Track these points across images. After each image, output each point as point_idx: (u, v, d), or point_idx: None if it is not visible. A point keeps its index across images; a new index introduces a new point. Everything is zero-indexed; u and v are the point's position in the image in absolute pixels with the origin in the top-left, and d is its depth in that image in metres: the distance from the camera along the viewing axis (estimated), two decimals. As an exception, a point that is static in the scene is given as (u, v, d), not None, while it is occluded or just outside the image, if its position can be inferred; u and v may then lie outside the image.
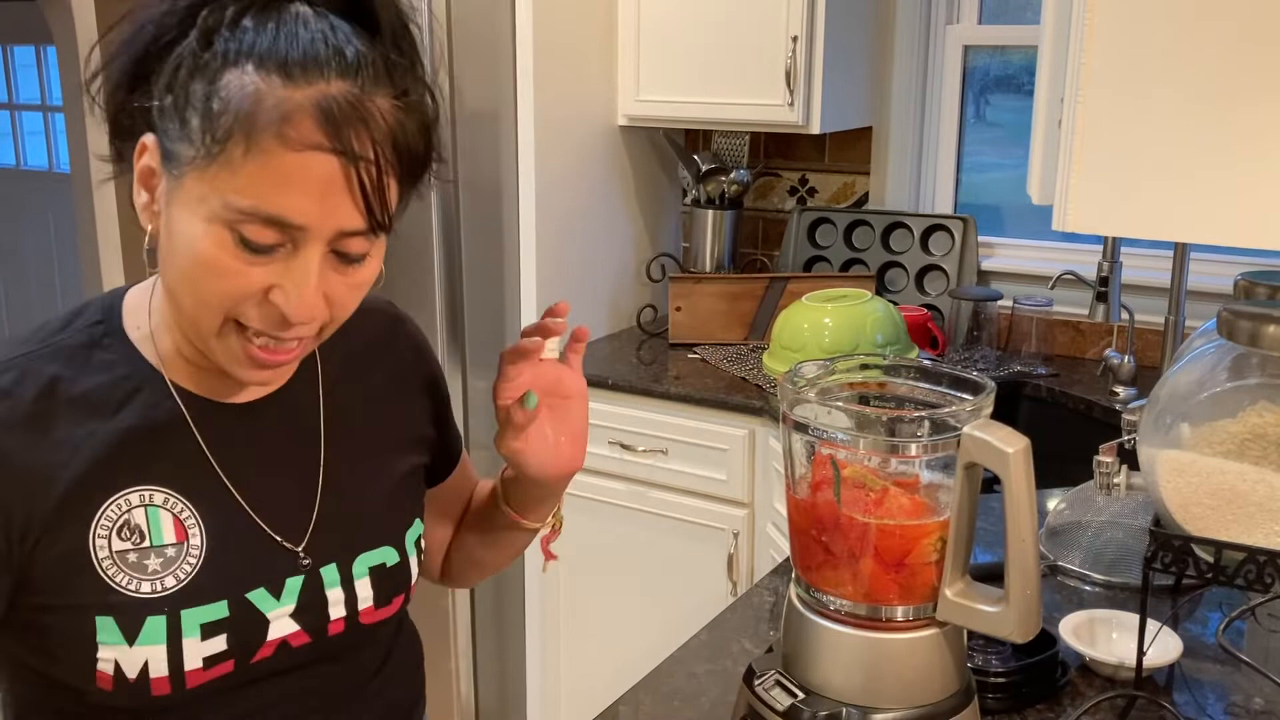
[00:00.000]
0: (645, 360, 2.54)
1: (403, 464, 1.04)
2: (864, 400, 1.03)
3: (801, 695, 0.99)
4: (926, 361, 1.04)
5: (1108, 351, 2.27)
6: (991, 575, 0.97)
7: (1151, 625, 1.14)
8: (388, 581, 0.98)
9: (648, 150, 2.81)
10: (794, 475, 1.01)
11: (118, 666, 0.86)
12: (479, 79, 2.30)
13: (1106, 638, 1.25)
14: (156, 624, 0.86)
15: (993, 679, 1.15)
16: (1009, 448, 0.89)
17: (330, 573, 0.95)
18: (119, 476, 0.87)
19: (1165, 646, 1.20)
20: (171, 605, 0.87)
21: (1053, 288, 2.32)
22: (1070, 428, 2.26)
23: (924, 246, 2.66)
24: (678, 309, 2.60)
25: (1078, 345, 2.52)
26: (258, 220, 0.77)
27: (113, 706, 0.88)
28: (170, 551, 0.88)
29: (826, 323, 2.24)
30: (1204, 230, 0.97)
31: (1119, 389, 2.23)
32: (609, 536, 2.41)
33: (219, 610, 0.89)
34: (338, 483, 0.97)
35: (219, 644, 0.88)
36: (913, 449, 0.95)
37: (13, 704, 0.95)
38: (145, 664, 0.86)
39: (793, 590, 1.04)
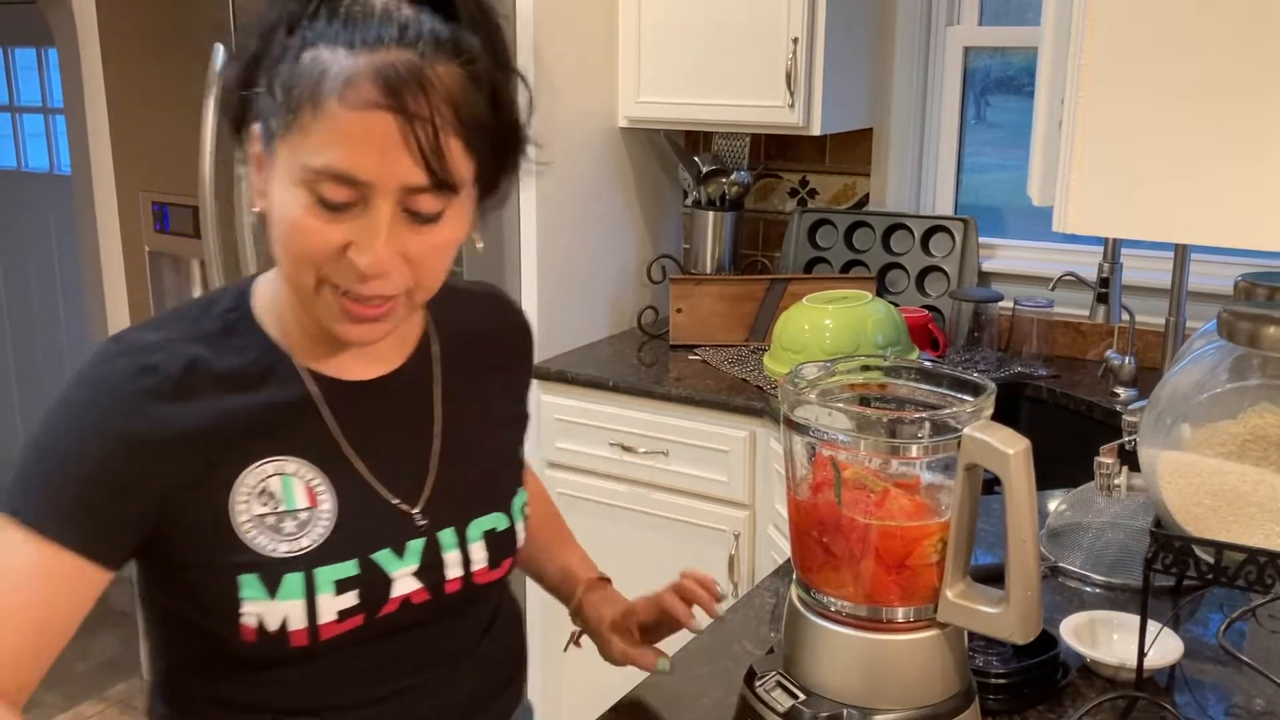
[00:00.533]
0: (646, 361, 2.54)
1: (506, 437, 1.14)
2: (865, 402, 1.04)
3: (802, 696, 0.99)
4: (927, 363, 1.04)
5: (1108, 353, 2.27)
6: (993, 576, 0.98)
7: (1152, 626, 1.14)
8: (499, 545, 1.06)
9: (648, 152, 2.82)
10: (795, 476, 1.01)
11: (260, 620, 0.93)
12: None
13: (1107, 639, 1.25)
14: (294, 580, 0.94)
15: (994, 680, 1.15)
16: (1009, 449, 0.89)
17: (448, 536, 1.03)
18: (255, 448, 0.94)
19: (1166, 647, 1.20)
20: (307, 564, 0.94)
21: (1053, 289, 2.32)
22: (1071, 429, 2.26)
23: (925, 248, 2.66)
24: (678, 310, 2.61)
25: (1078, 346, 2.52)
26: (329, 178, 0.84)
27: (255, 656, 0.95)
28: (303, 515, 0.95)
29: (827, 324, 2.24)
30: (1203, 231, 0.97)
31: (1120, 390, 2.23)
32: (610, 538, 2.42)
33: (349, 569, 0.96)
34: (451, 454, 1.05)
35: (350, 599, 0.96)
36: (913, 450, 0.95)
37: (160, 656, 1.04)
38: (285, 618, 0.94)
39: (793, 591, 1.04)
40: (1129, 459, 1.22)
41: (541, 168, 1.04)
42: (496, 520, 1.06)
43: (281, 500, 0.95)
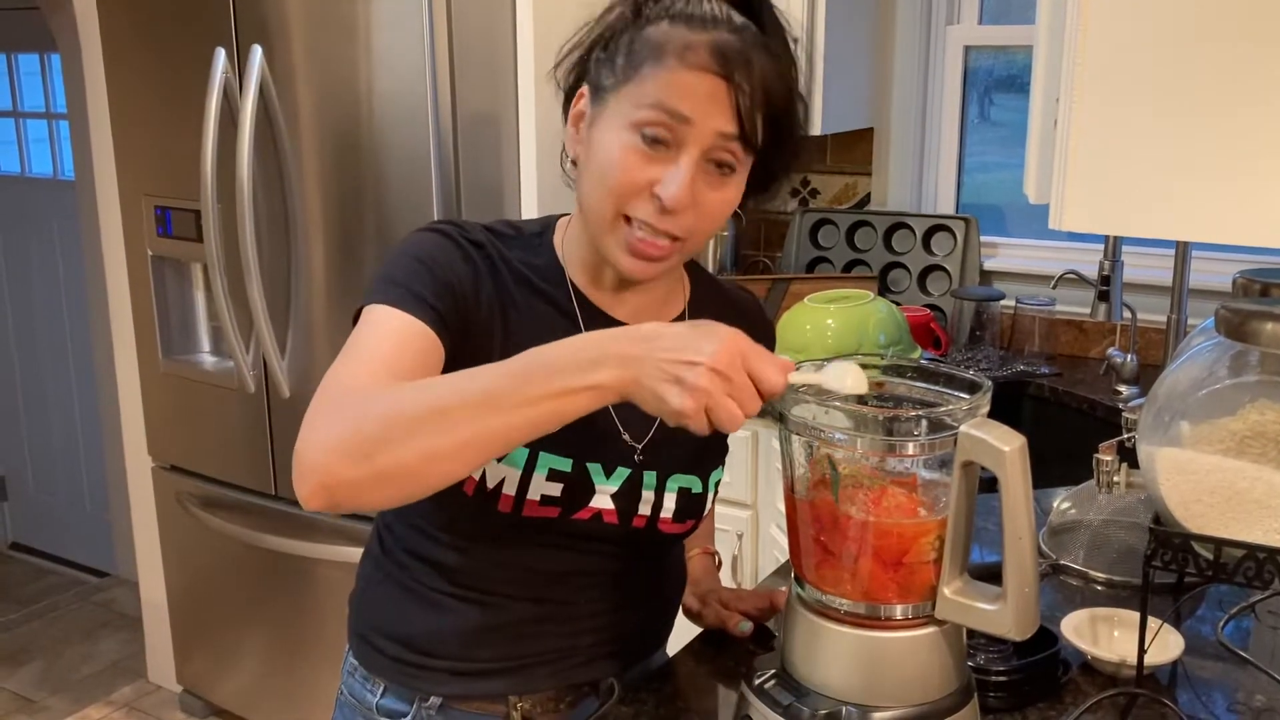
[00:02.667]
0: (648, 362, 2.54)
1: None
2: (862, 400, 1.04)
3: (801, 694, 0.99)
4: (924, 361, 1.04)
5: (1110, 350, 2.27)
6: (994, 574, 0.98)
7: (1153, 623, 1.14)
8: (688, 504, 1.18)
9: (649, 153, 2.81)
10: (792, 475, 1.01)
11: (483, 474, 1.07)
12: (480, 82, 2.31)
13: (1108, 636, 1.25)
14: (520, 453, 1.07)
15: (994, 678, 1.15)
16: (1005, 446, 0.89)
17: (650, 478, 1.15)
18: (524, 333, 1.08)
19: (1167, 644, 1.20)
20: (535, 445, 1.06)
21: (1055, 287, 2.32)
22: (1074, 427, 2.26)
23: (926, 247, 2.66)
24: (680, 311, 2.61)
25: (1081, 344, 2.51)
26: (659, 111, 1.00)
27: (467, 515, 1.09)
28: None
29: (829, 324, 2.24)
30: (1200, 228, 0.97)
31: (1122, 388, 2.23)
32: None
33: (565, 464, 1.09)
34: None
35: (555, 489, 1.09)
36: (910, 448, 0.95)
37: (384, 516, 1.22)
38: (502, 480, 1.07)
39: (792, 590, 1.04)
40: (1128, 456, 1.22)
41: (544, 170, 1.15)
42: (693, 483, 1.18)
43: None
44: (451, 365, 1.04)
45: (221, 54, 2.41)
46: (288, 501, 2.62)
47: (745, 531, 2.28)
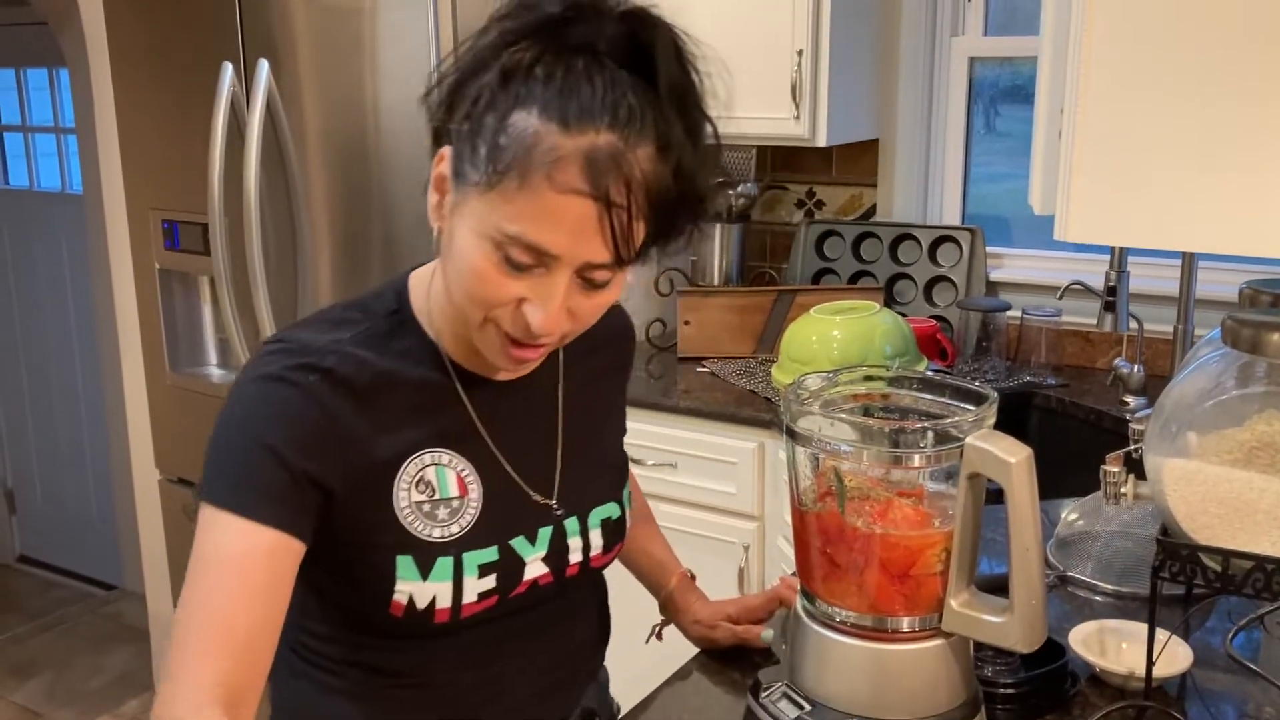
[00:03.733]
0: (654, 374, 2.54)
1: (615, 432, 1.23)
2: (867, 412, 1.04)
3: (808, 707, 0.99)
4: (929, 373, 1.04)
5: (1117, 361, 2.27)
6: (1001, 586, 0.97)
7: (1161, 635, 1.14)
8: (613, 531, 1.15)
9: (655, 165, 2.82)
10: (798, 487, 1.02)
11: (411, 599, 1.01)
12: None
13: (1116, 648, 1.25)
14: (445, 564, 1.02)
15: (1002, 690, 1.15)
16: (1011, 457, 0.89)
17: (572, 524, 1.11)
18: (415, 440, 1.02)
19: (1175, 656, 1.19)
20: (456, 549, 1.02)
21: (1061, 298, 2.32)
22: (1081, 438, 2.25)
23: (932, 258, 2.66)
24: (686, 323, 2.61)
25: (1087, 355, 2.51)
26: (520, 245, 0.90)
27: (396, 628, 1.03)
28: (455, 504, 1.03)
29: (835, 335, 2.24)
30: (1205, 239, 0.97)
31: (1129, 398, 2.22)
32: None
33: (491, 554, 1.04)
34: (574, 448, 1.13)
35: (490, 582, 1.04)
36: (916, 460, 0.95)
37: (298, 627, 1.10)
38: (433, 598, 1.02)
39: (799, 602, 1.04)
40: (1135, 467, 1.22)
41: None
42: (611, 509, 1.15)
43: (437, 489, 1.03)
44: (344, 512, 0.99)
45: (229, 68, 2.42)
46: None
47: (752, 544, 2.28)
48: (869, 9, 2.58)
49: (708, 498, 2.31)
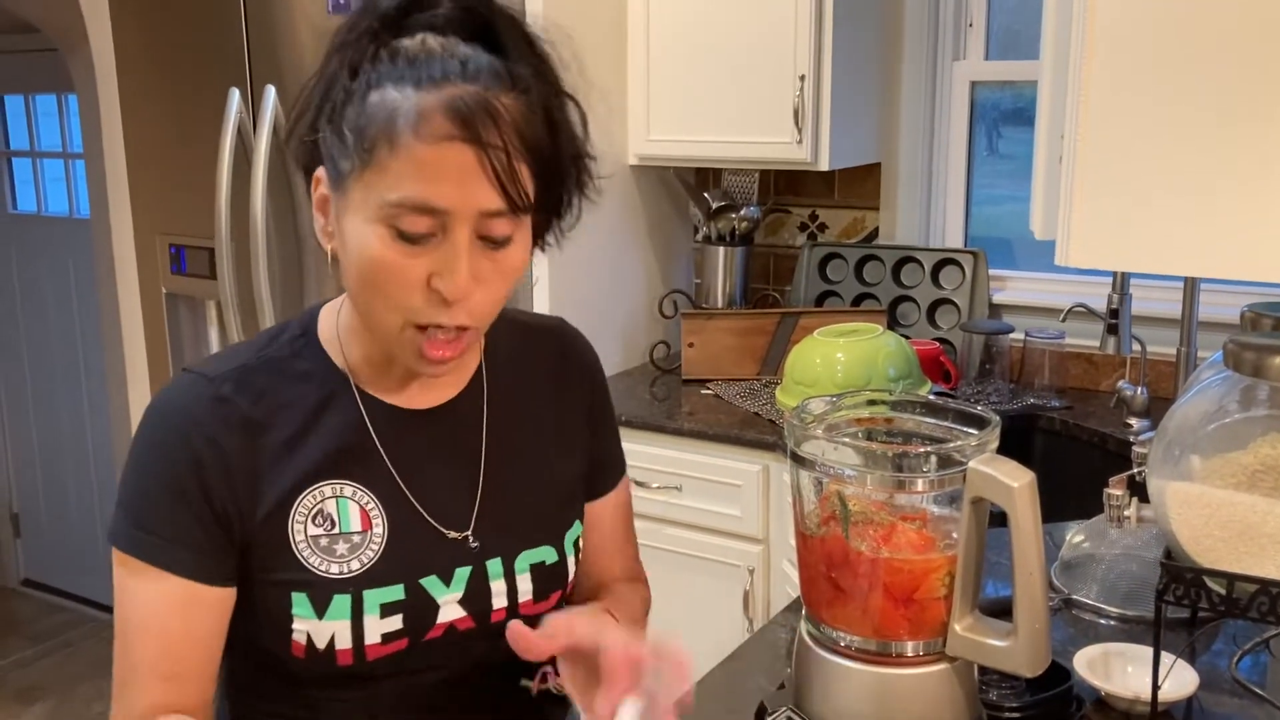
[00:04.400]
0: (659, 396, 2.55)
1: (563, 471, 1.12)
2: (871, 436, 1.04)
3: (813, 732, 0.99)
4: (932, 397, 1.05)
5: (1121, 383, 2.27)
6: (1006, 610, 0.97)
7: (1166, 658, 1.13)
8: (547, 578, 1.06)
9: (659, 189, 2.84)
10: (802, 511, 1.02)
11: (309, 638, 0.97)
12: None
13: (1122, 671, 1.24)
14: (342, 602, 0.97)
15: (1007, 714, 1.15)
16: (1014, 482, 0.89)
17: (495, 566, 1.03)
18: (315, 471, 0.98)
19: (1181, 680, 1.19)
20: (355, 586, 0.97)
21: (1064, 320, 2.32)
22: (1085, 460, 2.25)
23: (935, 280, 2.67)
24: (690, 345, 2.61)
25: (1091, 377, 2.51)
26: (409, 209, 0.87)
27: (309, 673, 0.99)
28: (356, 538, 0.99)
29: (839, 357, 2.24)
30: (1204, 264, 0.98)
31: (1133, 421, 2.22)
32: (624, 574, 2.41)
33: (396, 593, 0.99)
34: (498, 484, 1.06)
35: (396, 623, 0.98)
36: (919, 484, 0.95)
37: (229, 678, 1.07)
38: (332, 637, 0.97)
39: (803, 626, 1.04)
40: (1139, 490, 1.22)
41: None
42: (545, 553, 1.07)
43: (337, 522, 0.98)
44: (247, 546, 0.97)
45: (236, 94, 2.44)
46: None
47: (757, 567, 2.28)
48: (870, 34, 2.60)
49: (712, 520, 2.31)
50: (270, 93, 2.39)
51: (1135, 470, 1.25)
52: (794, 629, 1.42)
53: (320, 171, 0.95)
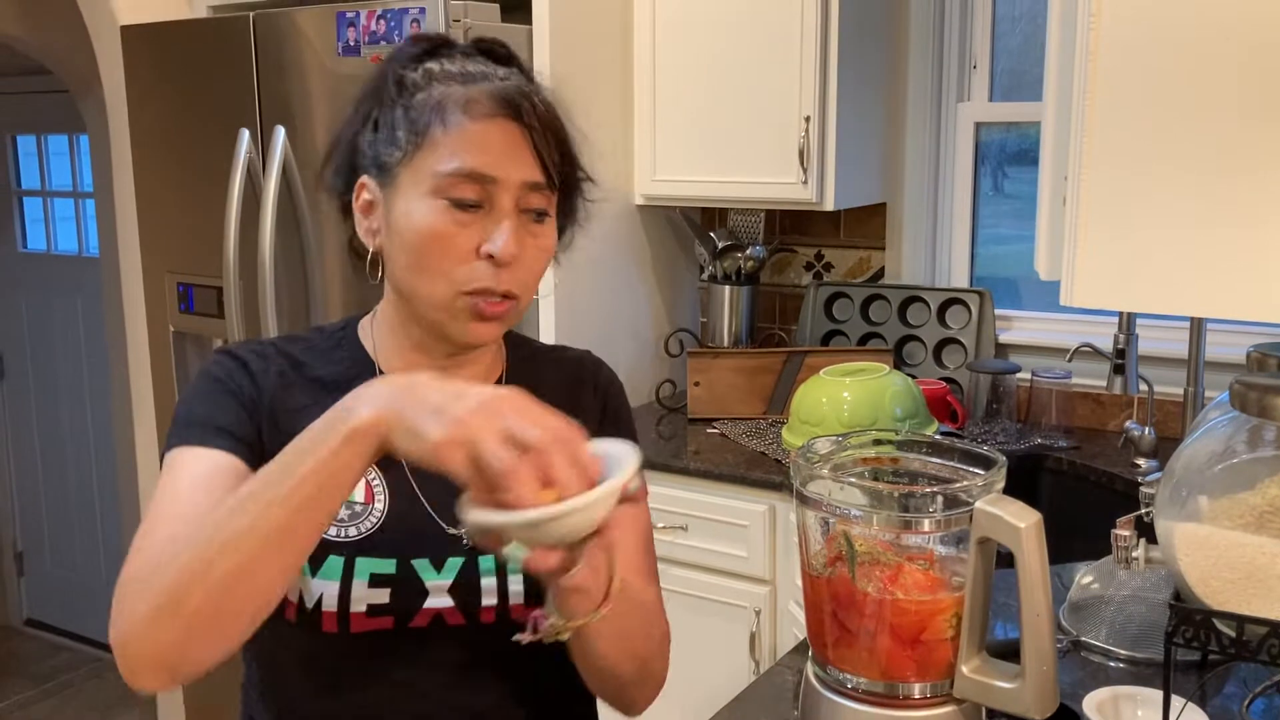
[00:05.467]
0: (664, 435, 2.54)
1: None
2: (877, 476, 1.04)
3: (820, 775, 0.98)
4: (938, 437, 1.05)
5: (1128, 423, 2.26)
6: (1015, 652, 0.97)
7: (1177, 702, 1.12)
8: (538, 582, 1.00)
9: (664, 228, 2.85)
10: (809, 551, 1.01)
11: (300, 594, 1.00)
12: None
13: (1132, 715, 1.23)
14: (335, 563, 1.00)
15: (1016, 758, 1.13)
16: (1021, 522, 0.89)
17: (487, 562, 1.05)
18: None
19: (1191, 724, 1.18)
20: (350, 551, 1.01)
21: (1071, 360, 2.32)
22: (1093, 500, 2.24)
23: (941, 320, 2.67)
24: (696, 384, 2.62)
25: (1098, 417, 2.51)
26: (461, 177, 0.98)
27: (299, 643, 1.02)
28: (357, 508, 1.03)
29: (845, 397, 2.24)
30: (1210, 304, 0.98)
31: (1141, 461, 2.21)
32: (629, 614, 2.39)
33: (388, 566, 1.02)
34: None
35: (383, 596, 1.01)
36: (925, 524, 0.95)
37: (243, 660, 1.11)
38: (320, 597, 1.00)
39: (810, 668, 1.03)
40: (1146, 531, 1.21)
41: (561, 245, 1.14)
42: None
43: None
44: None
45: (245, 135, 2.46)
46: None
47: (763, 608, 2.26)
48: (875, 76, 2.62)
49: (719, 561, 2.30)
50: (280, 133, 2.41)
51: (1143, 511, 1.25)
52: (800, 671, 1.40)
53: (364, 179, 1.05)
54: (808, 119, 2.42)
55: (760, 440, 2.44)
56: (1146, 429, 2.21)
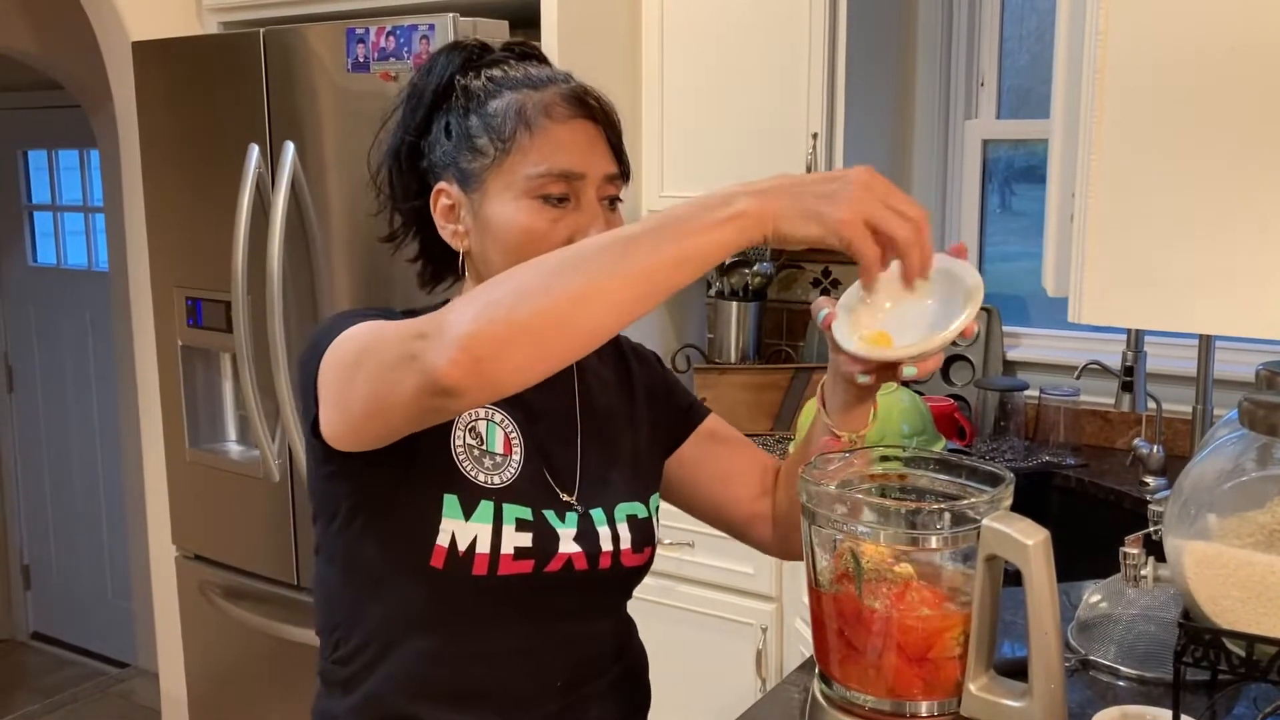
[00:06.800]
0: (671, 452, 2.54)
1: (640, 440, 1.27)
2: (884, 492, 1.03)
3: (826, 794, 0.98)
4: (946, 453, 1.04)
5: (1137, 441, 2.26)
6: (1023, 670, 0.96)
7: (1186, 722, 1.11)
8: (640, 530, 1.18)
9: (672, 244, 2.85)
10: (815, 568, 1.01)
11: (453, 539, 1.06)
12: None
13: (1141, 735, 1.22)
14: (487, 508, 1.08)
15: (1024, 778, 1.13)
16: (1028, 539, 0.88)
17: (599, 514, 1.16)
18: None
19: (1201, 744, 1.17)
20: (498, 497, 1.09)
21: (1078, 377, 2.31)
22: (1101, 518, 2.23)
23: (948, 337, 2.66)
24: (703, 399, 2.61)
25: (1106, 435, 2.50)
26: (552, 177, 1.07)
27: (438, 596, 1.08)
28: (498, 458, 1.11)
29: (852, 413, 2.23)
30: (1217, 321, 0.97)
31: (1149, 479, 2.20)
32: (635, 631, 2.39)
33: (527, 513, 1.10)
34: (592, 445, 1.20)
35: (526, 539, 1.08)
36: (933, 541, 0.95)
37: (341, 627, 1.15)
38: (474, 539, 1.06)
39: (816, 686, 1.03)
40: (1155, 549, 1.21)
41: None
42: (637, 509, 1.19)
43: (484, 439, 1.11)
44: (419, 447, 1.05)
45: (255, 150, 2.48)
46: (310, 592, 2.61)
47: (770, 625, 2.25)
48: (882, 93, 2.63)
49: (725, 578, 2.29)
50: (289, 149, 2.42)
51: (1151, 529, 1.24)
52: (807, 689, 1.40)
53: (442, 185, 1.12)
54: (815, 135, 2.42)
55: (767, 456, 2.43)
56: (1155, 447, 2.21)
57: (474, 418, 1.11)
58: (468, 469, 1.09)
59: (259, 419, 2.55)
